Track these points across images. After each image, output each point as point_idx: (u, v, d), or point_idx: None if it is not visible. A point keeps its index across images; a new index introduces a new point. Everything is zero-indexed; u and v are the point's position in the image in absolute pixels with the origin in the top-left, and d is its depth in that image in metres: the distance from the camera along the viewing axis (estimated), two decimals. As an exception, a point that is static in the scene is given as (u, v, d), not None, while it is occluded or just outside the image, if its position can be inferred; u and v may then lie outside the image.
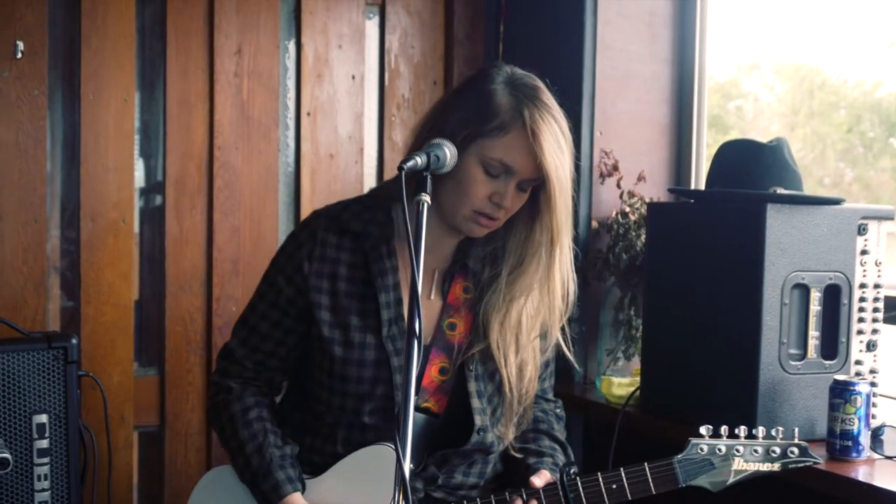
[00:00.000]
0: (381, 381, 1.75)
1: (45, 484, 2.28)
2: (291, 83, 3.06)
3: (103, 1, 2.77)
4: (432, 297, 1.84)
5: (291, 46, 3.06)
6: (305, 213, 3.02)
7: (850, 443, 2.01)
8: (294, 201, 3.05)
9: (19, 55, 2.68)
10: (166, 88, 2.87)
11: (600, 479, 1.72)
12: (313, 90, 3.04)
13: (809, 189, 2.25)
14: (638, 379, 2.55)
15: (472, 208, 1.72)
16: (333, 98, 3.07)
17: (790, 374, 2.13)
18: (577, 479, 1.72)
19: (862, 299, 2.18)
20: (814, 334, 2.15)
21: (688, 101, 2.93)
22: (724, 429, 1.76)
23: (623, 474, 1.72)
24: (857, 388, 2.01)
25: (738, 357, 2.12)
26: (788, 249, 2.11)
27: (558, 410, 2.05)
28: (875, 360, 2.21)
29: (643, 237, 2.67)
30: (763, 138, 2.28)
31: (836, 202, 2.17)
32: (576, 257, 1.83)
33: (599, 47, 2.86)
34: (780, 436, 1.77)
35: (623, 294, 2.74)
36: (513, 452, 1.89)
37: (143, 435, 2.91)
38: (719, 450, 1.73)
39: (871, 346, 2.20)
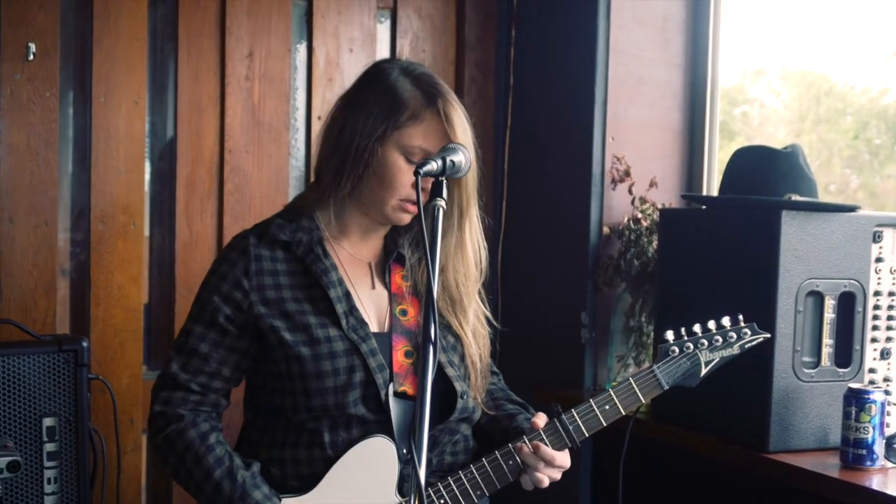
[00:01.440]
0: (358, 368, 1.76)
1: (54, 487, 2.28)
2: (302, 87, 3.06)
3: (115, 3, 2.77)
4: (376, 287, 1.88)
5: (303, 50, 3.06)
6: (316, 216, 3.02)
7: (864, 451, 2.00)
8: (304, 205, 3.04)
9: (31, 57, 2.68)
10: (177, 91, 2.87)
11: (593, 405, 1.82)
12: (324, 94, 3.04)
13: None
14: (649, 386, 2.53)
15: (399, 197, 1.79)
16: (344, 102, 3.07)
17: (804, 381, 2.12)
18: (572, 410, 1.81)
19: (876, 307, 2.18)
20: (828, 342, 2.15)
21: (700, 107, 2.93)
22: (683, 330, 1.86)
23: (612, 393, 1.83)
24: (871, 396, 2.00)
25: (752, 364, 2.10)
26: (803, 257, 2.10)
27: (502, 381, 2.10)
28: (889, 369, 2.20)
29: (655, 243, 2.66)
30: (771, 145, 2.27)
31: (851, 209, 2.16)
32: (486, 225, 1.93)
33: (612, 52, 2.85)
34: (729, 323, 1.87)
35: (634, 300, 2.73)
36: (487, 413, 1.93)
37: (151, 438, 2.90)
38: (687, 347, 1.85)
39: (885, 354, 2.19)
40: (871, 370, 2.18)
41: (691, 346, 1.85)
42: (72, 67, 2.79)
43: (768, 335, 1.92)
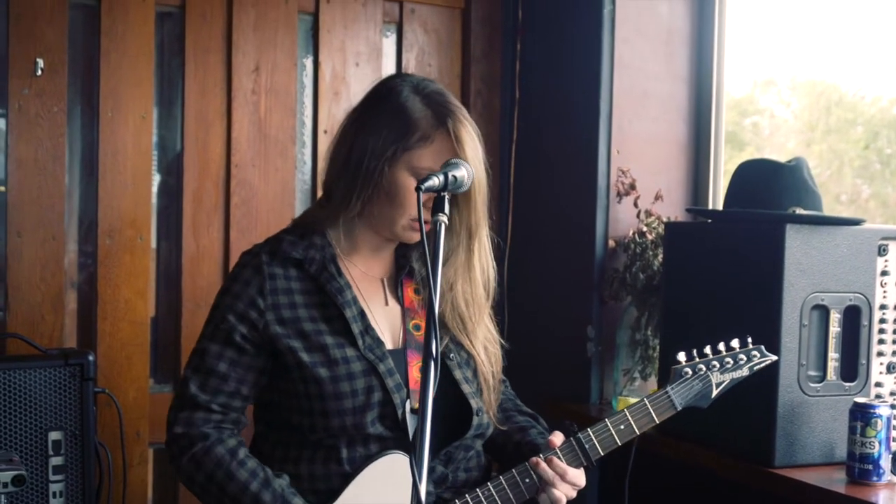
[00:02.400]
0: (376, 389, 1.76)
1: (60, 501, 2.28)
2: (308, 101, 3.07)
3: (123, 19, 2.79)
4: (389, 303, 1.88)
5: (309, 64, 3.08)
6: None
7: (870, 466, 1.99)
8: (310, 218, 3.05)
9: (39, 72, 2.70)
10: (184, 106, 2.88)
11: (608, 424, 1.82)
12: (330, 108, 3.05)
13: (826, 206, 2.24)
14: (655, 399, 2.53)
15: (409, 217, 1.79)
16: (350, 116, 3.08)
17: (809, 396, 2.11)
18: (588, 429, 1.82)
19: (882, 321, 2.17)
20: (833, 356, 2.14)
21: (706, 120, 2.92)
22: (694, 351, 1.88)
23: (627, 413, 1.83)
24: (877, 410, 1.99)
25: (757, 379, 2.10)
26: (808, 270, 2.09)
27: (511, 390, 2.11)
28: (896, 383, 2.19)
29: (660, 257, 2.66)
30: (779, 155, 2.27)
31: (856, 223, 2.15)
32: (497, 246, 1.93)
33: (617, 66, 2.85)
34: (738, 345, 1.90)
35: (640, 314, 2.73)
36: (499, 429, 1.93)
37: (158, 451, 2.90)
38: (699, 369, 1.87)
39: (891, 368, 2.18)
40: (878, 384, 2.17)
41: (703, 368, 1.86)
42: (79, 83, 2.81)
43: (775, 358, 1.94)
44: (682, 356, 1.86)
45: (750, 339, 1.90)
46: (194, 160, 2.89)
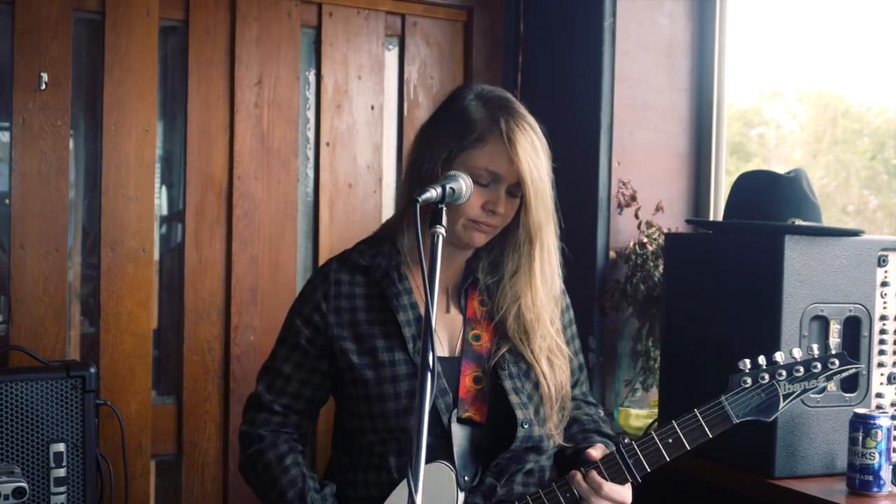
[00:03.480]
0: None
1: (62, 512, 2.29)
2: (311, 113, 3.08)
3: (127, 33, 2.81)
4: (451, 311, 1.89)
5: (311, 77, 3.09)
6: (324, 242, 3.04)
7: (870, 477, 1.98)
8: (313, 231, 3.06)
9: (43, 86, 2.71)
10: (187, 119, 2.90)
11: (655, 437, 1.74)
12: (333, 120, 3.07)
13: (833, 217, 2.24)
14: (656, 410, 2.53)
15: (468, 218, 1.79)
16: (353, 128, 3.09)
17: (810, 407, 2.11)
18: (633, 443, 1.74)
19: (882, 331, 2.16)
20: (834, 367, 2.13)
21: (707, 131, 2.93)
22: (761, 359, 1.74)
23: (676, 426, 1.74)
24: (877, 421, 1.99)
25: (757, 389, 2.10)
26: (807, 281, 2.09)
27: (601, 412, 2.08)
28: (896, 394, 2.18)
29: (661, 268, 2.66)
30: (785, 165, 2.27)
31: (855, 234, 2.15)
32: (562, 253, 1.90)
33: (618, 77, 2.87)
34: (816, 352, 1.77)
35: (641, 325, 2.73)
36: (566, 446, 1.90)
37: (160, 463, 2.91)
38: (762, 378, 1.73)
39: (891, 379, 2.17)
40: (878, 395, 2.16)
41: (767, 377, 1.74)
42: (83, 96, 2.83)
43: (861, 365, 1.82)
44: (745, 363, 1.74)
45: (830, 344, 1.81)
46: (197, 173, 2.91)
